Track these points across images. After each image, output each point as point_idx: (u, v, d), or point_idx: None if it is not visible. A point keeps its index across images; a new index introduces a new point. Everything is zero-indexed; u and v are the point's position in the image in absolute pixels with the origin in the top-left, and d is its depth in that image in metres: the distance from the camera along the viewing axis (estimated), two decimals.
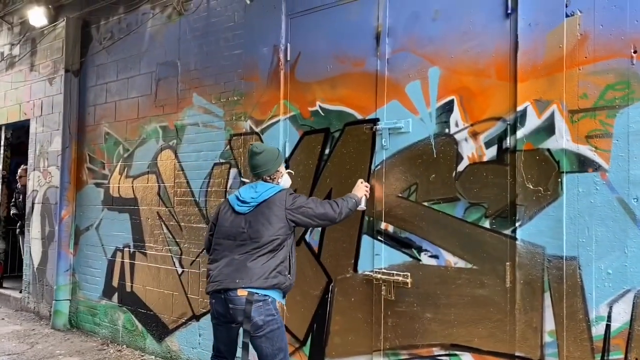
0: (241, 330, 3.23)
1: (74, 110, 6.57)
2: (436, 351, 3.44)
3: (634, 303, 2.74)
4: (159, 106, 5.54)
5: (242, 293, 3.12)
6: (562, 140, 2.98)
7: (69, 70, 6.54)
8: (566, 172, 2.96)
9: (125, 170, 5.93)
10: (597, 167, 2.87)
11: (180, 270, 5.19)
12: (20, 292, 7.45)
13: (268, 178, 3.42)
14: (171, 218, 5.33)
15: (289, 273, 3.29)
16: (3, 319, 6.84)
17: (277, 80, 4.42)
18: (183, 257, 5.17)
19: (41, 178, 7.10)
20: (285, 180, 3.50)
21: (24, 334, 6.12)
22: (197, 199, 5.07)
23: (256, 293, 3.13)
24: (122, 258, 5.87)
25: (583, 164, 2.91)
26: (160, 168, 5.50)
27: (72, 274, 6.52)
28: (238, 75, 4.75)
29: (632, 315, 2.73)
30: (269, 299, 3.17)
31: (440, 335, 3.43)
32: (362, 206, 3.58)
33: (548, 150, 3.03)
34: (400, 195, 3.68)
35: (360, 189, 3.59)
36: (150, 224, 5.56)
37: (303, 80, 4.30)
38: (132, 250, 5.75)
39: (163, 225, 5.41)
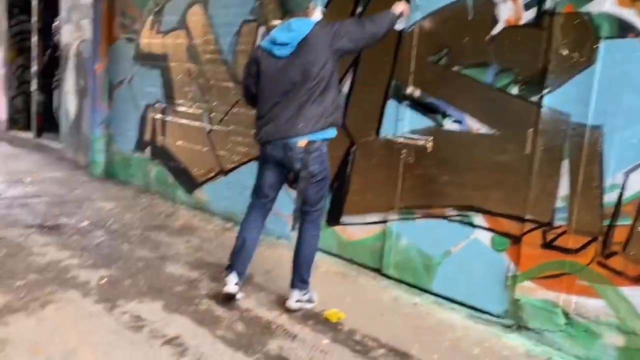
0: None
1: None
2: (449, 211, 3.57)
3: None
4: None
5: (301, 143, 3.09)
6: (606, 3, 2.81)
7: None
8: (604, 38, 2.83)
9: (156, 25, 5.88)
10: (638, 33, 2.72)
11: (208, 127, 5.33)
12: (59, 143, 7.82)
13: (302, 13, 3.21)
14: (201, 76, 5.36)
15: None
16: (44, 166, 7.26)
17: None
18: (212, 114, 5.28)
19: (73, 31, 7.11)
20: (317, 17, 3.26)
21: (64, 179, 6.52)
22: (226, 58, 5.05)
23: (315, 141, 3.11)
24: (154, 114, 6.03)
25: (624, 29, 2.76)
26: (189, 24, 5.43)
27: (106, 127, 6.76)
28: None
29: None
30: (324, 148, 3.18)
31: (455, 198, 3.53)
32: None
33: (588, 14, 2.87)
34: (430, 59, 3.60)
35: (399, 6, 3.28)
36: (180, 81, 5.62)
37: None
38: (163, 106, 5.88)
39: (193, 82, 5.47)
